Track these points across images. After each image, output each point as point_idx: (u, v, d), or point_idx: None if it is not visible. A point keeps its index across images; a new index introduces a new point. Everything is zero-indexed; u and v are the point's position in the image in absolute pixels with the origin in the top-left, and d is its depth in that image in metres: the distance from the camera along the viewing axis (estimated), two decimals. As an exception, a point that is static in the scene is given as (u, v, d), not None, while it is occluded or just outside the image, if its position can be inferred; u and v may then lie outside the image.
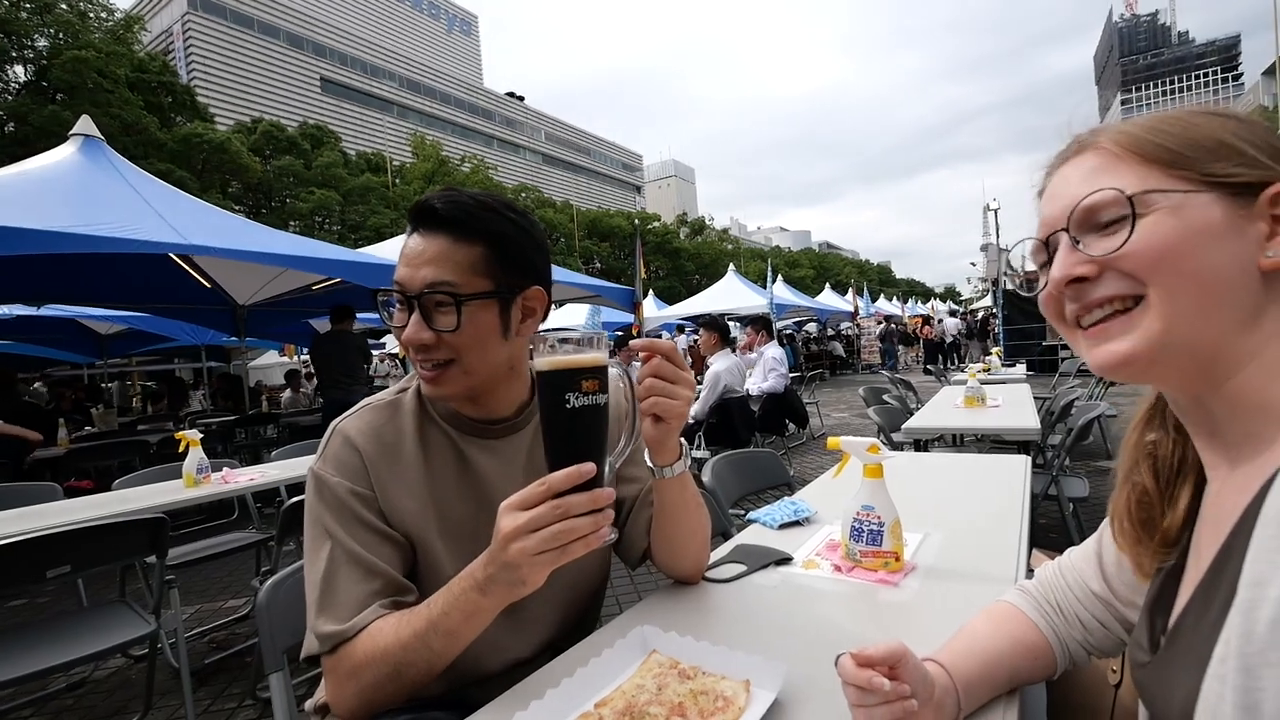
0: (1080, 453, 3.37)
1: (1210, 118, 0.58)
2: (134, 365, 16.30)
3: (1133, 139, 0.58)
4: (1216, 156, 0.55)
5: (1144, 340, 0.55)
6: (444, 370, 0.94)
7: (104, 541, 2.05)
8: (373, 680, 0.86)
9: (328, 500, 0.94)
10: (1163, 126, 0.58)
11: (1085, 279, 0.58)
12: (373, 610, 0.88)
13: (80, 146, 4.68)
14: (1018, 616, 0.85)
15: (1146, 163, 0.57)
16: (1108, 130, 0.61)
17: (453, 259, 0.91)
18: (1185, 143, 0.56)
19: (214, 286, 6.33)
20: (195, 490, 2.83)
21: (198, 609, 3.55)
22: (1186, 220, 0.54)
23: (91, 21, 24.07)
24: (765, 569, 1.26)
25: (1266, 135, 0.57)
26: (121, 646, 2.08)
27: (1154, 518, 0.67)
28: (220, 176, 28.85)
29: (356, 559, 0.91)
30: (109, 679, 2.84)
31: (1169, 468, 0.67)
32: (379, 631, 0.87)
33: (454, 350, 0.93)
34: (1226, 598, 0.48)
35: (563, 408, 0.75)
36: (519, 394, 1.06)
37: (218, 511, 3.77)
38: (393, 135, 72.24)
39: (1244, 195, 0.54)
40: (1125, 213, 0.55)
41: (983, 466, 2.07)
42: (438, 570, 0.97)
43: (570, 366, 0.76)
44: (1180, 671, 0.55)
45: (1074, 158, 0.63)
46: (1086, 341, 0.60)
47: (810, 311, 19.29)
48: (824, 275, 53.54)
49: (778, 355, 6.27)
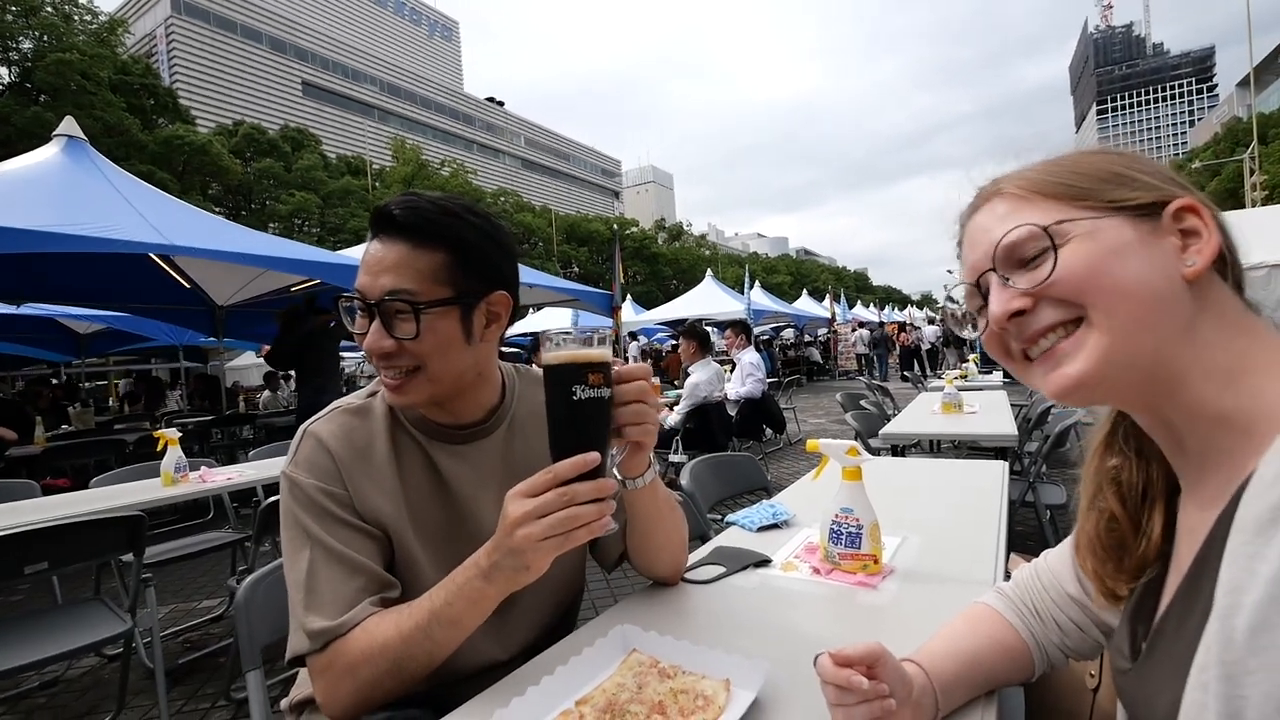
0: (1056, 460, 3.42)
1: (1098, 155, 0.63)
2: (111, 365, 16.06)
3: (1034, 182, 0.63)
4: (1114, 185, 0.59)
5: (1093, 358, 0.57)
6: (409, 379, 0.93)
7: (82, 538, 2.04)
8: (371, 676, 0.85)
9: (302, 501, 0.94)
10: (1059, 167, 0.63)
11: (1023, 312, 0.60)
12: (363, 607, 0.88)
13: (64, 147, 4.72)
14: (995, 618, 0.85)
15: (1052, 199, 0.61)
16: (1009, 178, 0.65)
17: (412, 266, 0.90)
18: (1082, 178, 0.60)
19: (193, 287, 6.30)
20: (173, 489, 2.81)
21: (172, 609, 3.51)
22: (1102, 241, 0.57)
23: (76, 24, 24.01)
24: (744, 571, 1.26)
25: (1152, 164, 0.62)
26: (96, 645, 2.06)
27: (1126, 542, 0.67)
28: (201, 178, 28.66)
29: (339, 556, 0.91)
30: (82, 678, 2.81)
31: (1135, 494, 0.68)
32: (376, 627, 0.86)
33: (417, 358, 0.92)
34: (1205, 605, 0.49)
35: (570, 399, 0.78)
36: (488, 398, 1.06)
37: (193, 511, 3.72)
38: (373, 139, 71.80)
39: (1148, 216, 0.58)
40: (1045, 244, 0.58)
41: (960, 471, 2.09)
42: (416, 570, 0.97)
43: (578, 361, 0.78)
44: (1162, 679, 0.55)
45: (984, 206, 0.66)
46: (1039, 370, 0.62)
47: (787, 317, 19.41)
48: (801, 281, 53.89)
49: (755, 360, 6.27)
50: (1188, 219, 0.58)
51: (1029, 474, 3.30)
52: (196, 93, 59.03)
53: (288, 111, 68.24)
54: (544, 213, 52.60)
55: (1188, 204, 0.58)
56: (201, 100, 58.22)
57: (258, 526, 2.38)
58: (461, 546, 0.93)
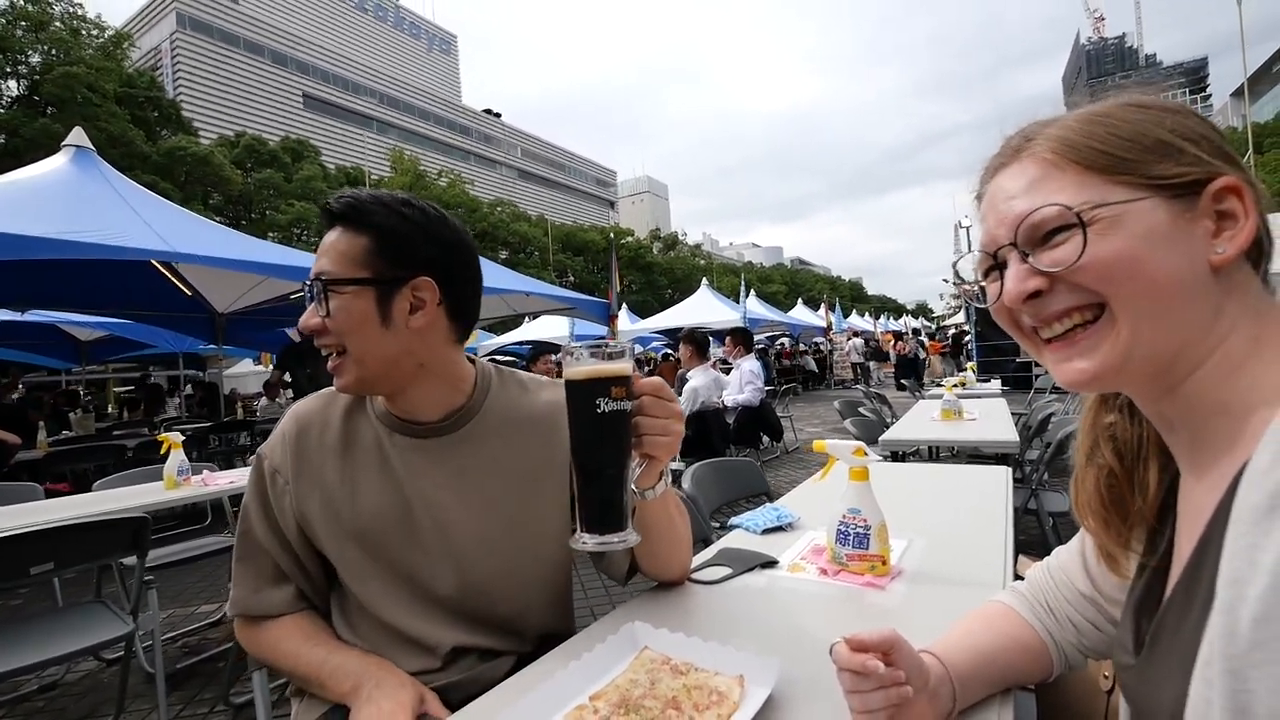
0: (1058, 468, 3.42)
1: (1144, 112, 0.57)
2: (110, 372, 16.05)
3: (1070, 145, 0.57)
4: (1157, 157, 0.55)
5: (1111, 354, 0.55)
6: (340, 360, 0.97)
7: (87, 539, 2.04)
8: (269, 662, 1.07)
9: (255, 479, 1.06)
10: (1098, 129, 0.57)
11: (1040, 292, 0.58)
12: (276, 601, 1.05)
13: (72, 157, 4.83)
14: (1011, 616, 0.84)
15: (1087, 170, 0.56)
16: (1043, 136, 0.59)
17: (337, 250, 0.96)
18: (1124, 144, 0.55)
19: (194, 294, 6.31)
20: (176, 492, 2.81)
21: (171, 614, 3.49)
22: (1135, 228, 0.53)
23: (83, 38, 24.56)
24: (751, 572, 1.25)
25: (1200, 128, 0.57)
26: (98, 647, 2.05)
27: (1124, 498, 0.66)
28: (202, 189, 29.00)
29: (260, 549, 1.05)
30: (80, 682, 2.79)
31: (1131, 450, 0.66)
32: (280, 640, 1.05)
33: (337, 337, 0.96)
34: (1206, 597, 0.48)
35: (594, 412, 0.79)
36: (445, 398, 1.05)
37: (191, 517, 3.71)
38: (373, 150, 72.09)
39: (1186, 195, 0.54)
40: (1070, 221, 0.55)
41: (963, 476, 2.06)
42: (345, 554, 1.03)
43: (604, 375, 0.80)
44: (1165, 673, 0.54)
45: (1011, 165, 0.61)
46: (1051, 356, 0.60)
47: (783, 326, 19.40)
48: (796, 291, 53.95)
49: (754, 368, 6.27)
50: (1227, 200, 0.54)
51: (1031, 481, 3.28)
52: (200, 105, 59.44)
53: (289, 123, 68.64)
54: (540, 222, 52.90)
55: (1230, 184, 0.54)
56: (204, 112, 58.59)
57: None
58: (398, 538, 1.02)
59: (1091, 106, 0.60)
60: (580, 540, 0.81)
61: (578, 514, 0.83)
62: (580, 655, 0.85)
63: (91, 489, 3.00)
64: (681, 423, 0.90)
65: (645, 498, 0.96)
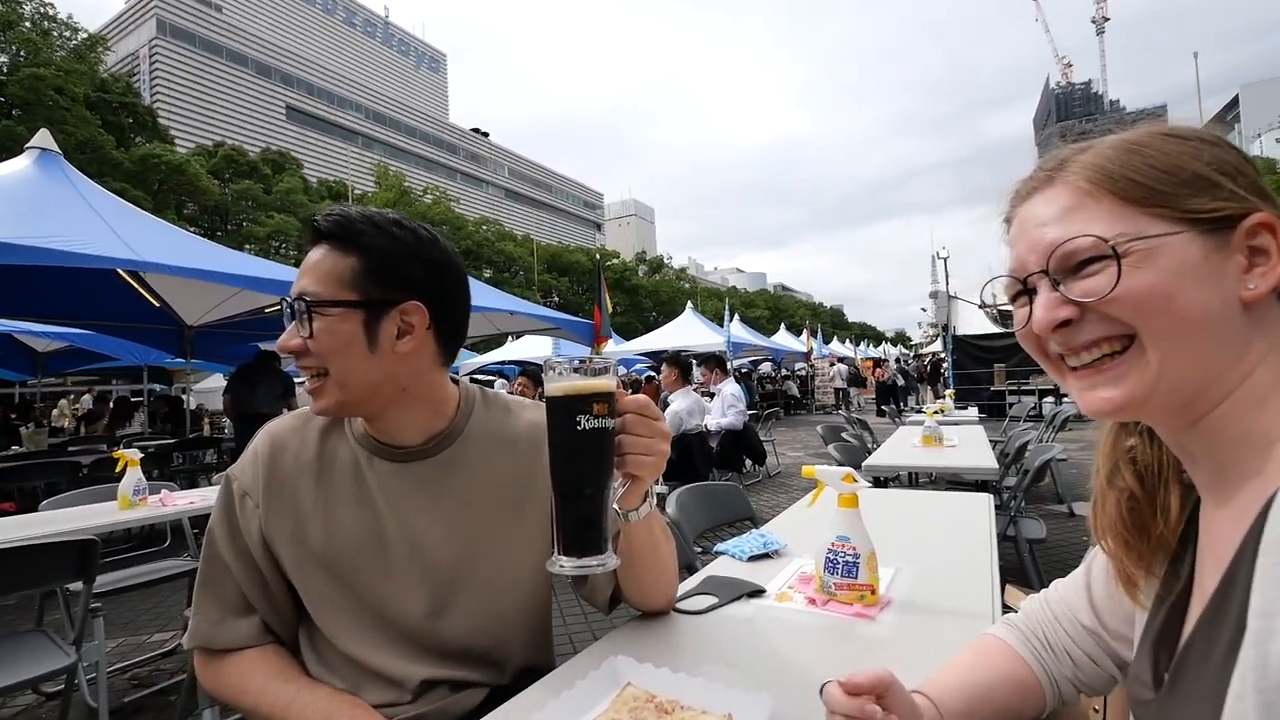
0: (1031, 496, 3.44)
1: (1181, 144, 0.56)
2: (69, 385, 15.58)
3: (1106, 173, 0.56)
4: (1194, 190, 0.54)
5: (1138, 385, 0.54)
6: (320, 382, 0.93)
7: (28, 563, 1.92)
8: (234, 703, 0.98)
9: (223, 501, 1.01)
10: (1135, 159, 0.56)
11: (1069, 321, 0.57)
12: (241, 633, 0.98)
13: (36, 159, 4.65)
14: (1005, 650, 0.82)
15: (1122, 201, 0.55)
16: (1077, 162, 0.59)
17: (322, 269, 0.92)
18: (1161, 176, 0.55)
19: (163, 305, 6.14)
20: (130, 512, 2.67)
21: (120, 643, 3.32)
22: (1169, 262, 0.53)
23: (54, 39, 24.09)
24: (738, 601, 1.22)
25: (1236, 161, 0.56)
26: (36, 680, 1.93)
27: (1146, 521, 0.65)
28: (176, 198, 28.49)
29: (228, 573, 0.99)
30: (16, 717, 2.61)
31: (1152, 473, 0.65)
32: (244, 675, 0.97)
33: (319, 359, 0.91)
34: (1235, 631, 0.47)
35: (574, 429, 0.76)
36: (426, 422, 1.02)
37: (149, 540, 3.56)
38: (356, 165, 71.82)
39: (1220, 230, 0.54)
40: (1105, 253, 0.54)
41: (946, 503, 2.08)
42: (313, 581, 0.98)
43: (586, 391, 0.77)
44: (1192, 709, 0.52)
45: (1043, 189, 0.60)
46: (1077, 383, 0.59)
47: (766, 351, 19.57)
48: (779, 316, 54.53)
49: (736, 392, 6.31)
50: (1260, 236, 0.54)
51: (1010, 508, 3.29)
52: (178, 114, 58.80)
53: (270, 135, 68.24)
54: (525, 242, 53.09)
55: (1265, 220, 0.54)
56: (183, 121, 58.06)
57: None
58: (370, 564, 0.97)
59: (1127, 134, 0.59)
60: (558, 563, 0.77)
61: (556, 536, 0.79)
62: (559, 693, 0.80)
63: (38, 508, 2.85)
64: (667, 442, 0.86)
65: (629, 520, 0.92)
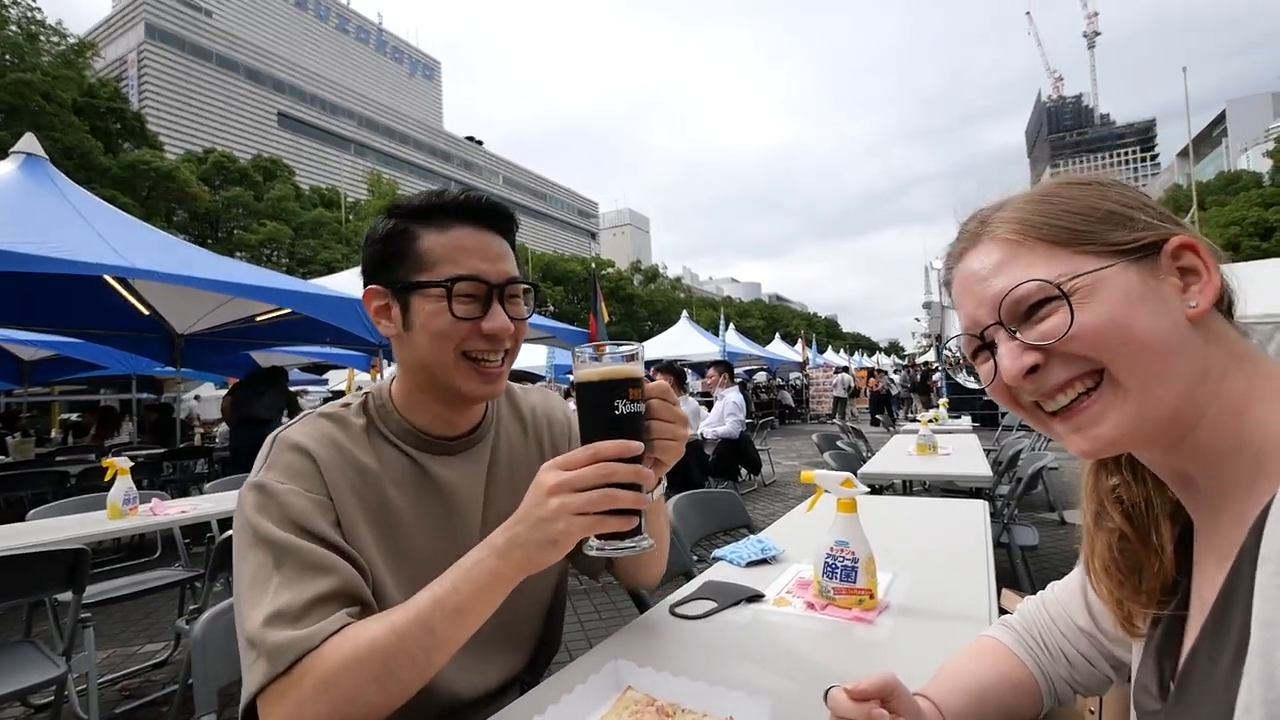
0: (1024, 504, 3.45)
1: (1085, 189, 0.60)
2: (56, 394, 15.37)
3: (1027, 224, 0.59)
4: (1111, 226, 0.57)
5: (1123, 419, 0.55)
6: (504, 365, 0.96)
7: (15, 574, 1.89)
8: (351, 687, 0.72)
9: (273, 513, 0.82)
10: (1050, 205, 0.59)
11: (1036, 367, 0.58)
12: (339, 617, 0.76)
13: (21, 164, 4.57)
14: (1002, 652, 0.83)
15: (1049, 244, 0.58)
16: (998, 218, 0.62)
17: (511, 255, 0.98)
18: (1077, 218, 0.58)
19: (152, 313, 6.05)
20: (121, 522, 2.65)
21: (110, 654, 3.27)
22: (1113, 293, 0.55)
23: (42, 44, 23.83)
24: (736, 606, 1.22)
25: (1137, 195, 0.60)
26: (24, 691, 1.89)
27: (1141, 561, 0.65)
28: (165, 205, 28.24)
29: (312, 565, 0.80)
30: (3, 731, 2.58)
31: (1141, 512, 0.65)
32: (360, 629, 0.75)
33: (516, 342, 0.96)
34: (1237, 641, 0.47)
35: (613, 413, 0.77)
36: (477, 410, 1.05)
37: (139, 550, 3.52)
38: (350, 173, 71.76)
39: (1147, 257, 0.56)
40: (1052, 294, 0.56)
41: (941, 510, 2.09)
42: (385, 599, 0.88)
43: (624, 376, 0.78)
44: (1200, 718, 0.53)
45: (974, 249, 0.63)
46: (1062, 427, 0.59)
47: (761, 360, 19.59)
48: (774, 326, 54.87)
49: (738, 400, 6.28)
50: (1185, 256, 0.57)
51: (1003, 516, 3.30)
52: (167, 119, 58.71)
53: (261, 142, 68.18)
54: (520, 250, 52.82)
55: (1185, 242, 0.57)
56: (172, 127, 57.94)
57: (212, 563, 2.24)
58: (431, 568, 0.83)
59: (1033, 190, 0.62)
60: (594, 546, 0.76)
61: None
62: (559, 697, 0.79)
63: (25, 518, 2.81)
64: (687, 428, 0.87)
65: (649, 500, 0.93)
